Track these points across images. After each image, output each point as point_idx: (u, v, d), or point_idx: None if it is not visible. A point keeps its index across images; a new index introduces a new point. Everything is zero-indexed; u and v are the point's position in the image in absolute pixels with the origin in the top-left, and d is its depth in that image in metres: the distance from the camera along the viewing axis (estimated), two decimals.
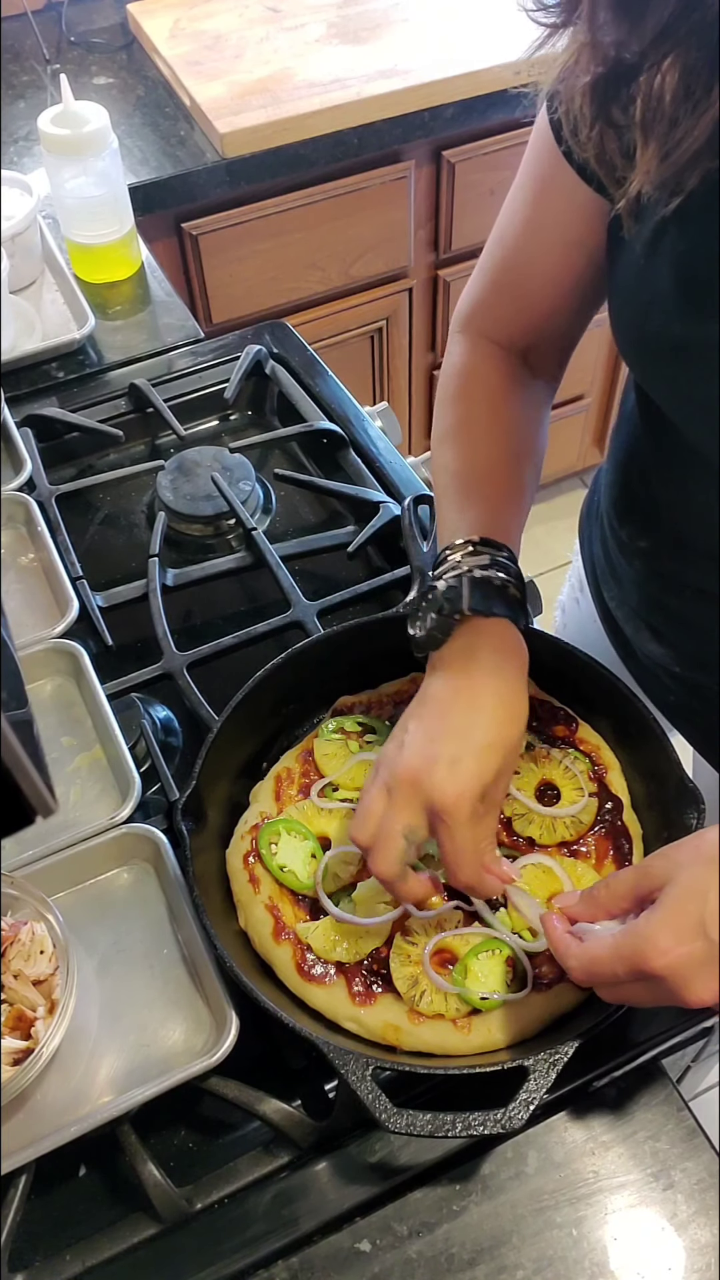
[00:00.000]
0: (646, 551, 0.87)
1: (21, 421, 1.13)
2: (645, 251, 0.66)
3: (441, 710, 0.69)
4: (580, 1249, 0.66)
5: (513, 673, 0.70)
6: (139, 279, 1.36)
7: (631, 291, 0.69)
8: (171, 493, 1.05)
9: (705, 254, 0.63)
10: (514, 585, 0.72)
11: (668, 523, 0.83)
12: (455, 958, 0.71)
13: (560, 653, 0.82)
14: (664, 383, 0.71)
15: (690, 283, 0.64)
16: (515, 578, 0.73)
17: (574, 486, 2.50)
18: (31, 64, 1.75)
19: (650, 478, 0.83)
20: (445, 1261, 0.66)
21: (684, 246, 0.64)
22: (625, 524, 0.89)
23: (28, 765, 0.42)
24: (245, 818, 0.79)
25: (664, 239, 0.65)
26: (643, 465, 0.84)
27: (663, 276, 0.65)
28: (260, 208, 1.63)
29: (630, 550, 0.89)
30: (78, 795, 0.84)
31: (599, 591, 0.99)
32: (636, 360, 0.72)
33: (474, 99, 1.63)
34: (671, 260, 0.64)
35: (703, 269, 0.63)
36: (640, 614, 0.91)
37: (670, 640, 0.89)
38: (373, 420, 1.15)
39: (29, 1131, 0.67)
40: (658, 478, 0.82)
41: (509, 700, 0.69)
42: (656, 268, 0.65)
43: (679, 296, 0.64)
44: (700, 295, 0.64)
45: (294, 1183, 0.69)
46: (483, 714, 0.68)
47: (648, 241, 0.66)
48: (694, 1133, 0.70)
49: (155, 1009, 0.74)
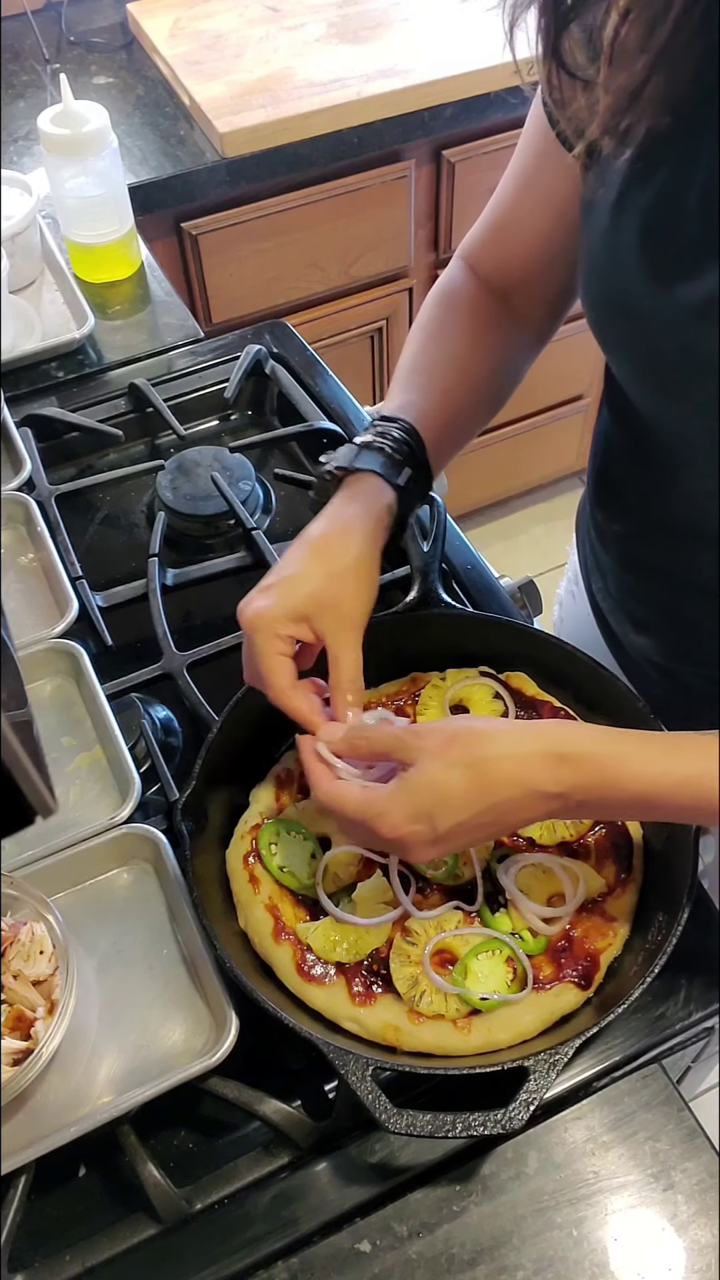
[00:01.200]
0: (621, 536, 0.88)
1: (21, 421, 1.13)
2: (611, 214, 0.67)
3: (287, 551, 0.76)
4: (580, 1249, 0.66)
5: (353, 514, 0.76)
6: (139, 279, 1.36)
7: (597, 254, 0.70)
8: (171, 493, 1.05)
9: (666, 217, 0.63)
10: (391, 445, 0.78)
11: (636, 505, 0.84)
12: (455, 958, 0.71)
13: (561, 653, 0.82)
14: (621, 349, 0.73)
15: (651, 246, 0.65)
16: (399, 445, 0.78)
17: (574, 486, 2.50)
18: (31, 64, 1.75)
19: (619, 458, 0.84)
20: (445, 1262, 0.66)
21: (646, 209, 0.65)
22: (601, 508, 0.91)
23: (28, 765, 0.42)
24: (245, 818, 0.79)
25: (628, 202, 0.66)
26: (613, 445, 0.85)
27: (626, 240, 0.66)
28: (260, 207, 1.63)
29: (608, 536, 0.90)
30: (78, 795, 0.84)
31: (590, 584, 1.00)
32: (598, 325, 0.74)
33: (474, 99, 1.63)
34: (635, 223, 0.65)
35: (663, 232, 0.64)
36: (622, 604, 0.92)
37: (651, 630, 0.90)
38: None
39: (29, 1131, 0.67)
40: (625, 458, 0.83)
41: (335, 538, 0.75)
42: (621, 231, 0.66)
43: (640, 259, 0.65)
44: (659, 258, 0.64)
45: (294, 1183, 0.69)
46: (303, 548, 0.75)
47: (614, 204, 0.67)
48: (694, 1133, 0.70)
49: (155, 1009, 0.74)
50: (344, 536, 0.75)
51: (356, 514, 0.76)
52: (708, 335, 0.62)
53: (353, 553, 0.75)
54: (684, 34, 0.54)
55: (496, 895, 0.74)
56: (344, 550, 0.74)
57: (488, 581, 0.99)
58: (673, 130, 0.59)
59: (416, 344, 0.86)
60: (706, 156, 0.60)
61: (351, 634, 0.74)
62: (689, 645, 0.87)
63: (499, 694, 0.83)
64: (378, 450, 0.78)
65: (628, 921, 0.73)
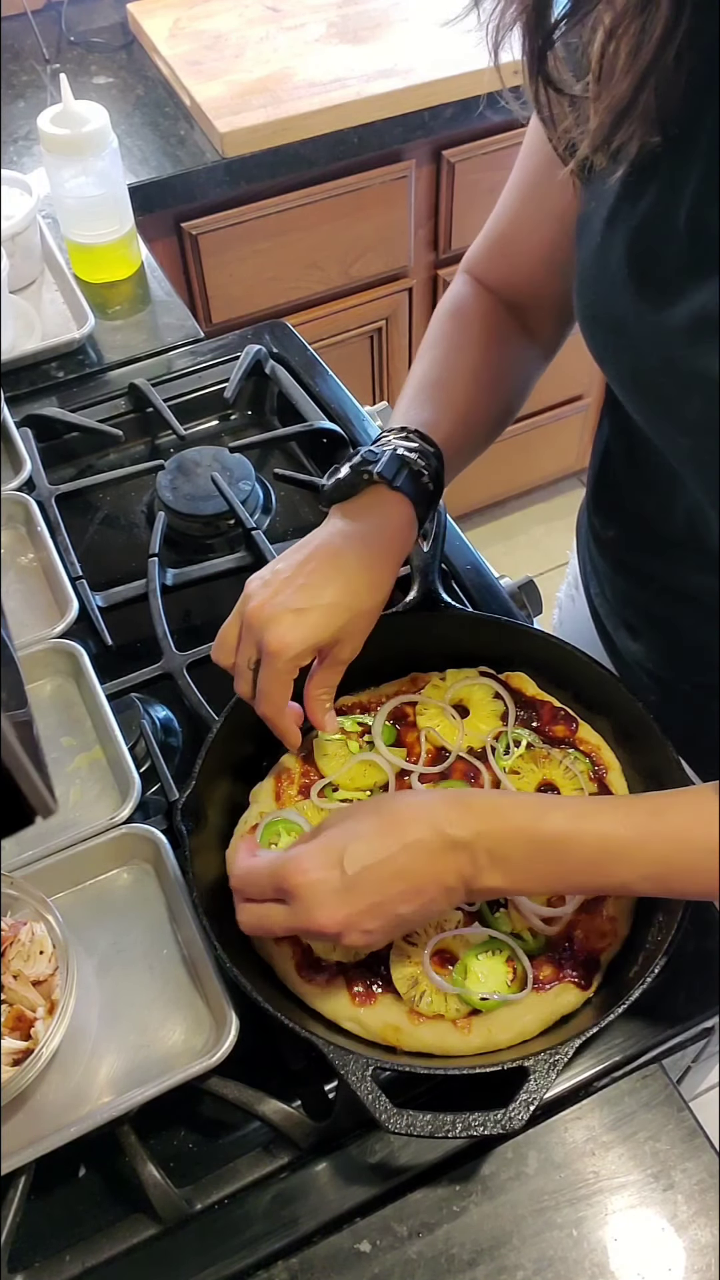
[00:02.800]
0: (616, 542, 0.88)
1: (21, 421, 1.13)
2: (603, 231, 0.67)
3: (309, 560, 0.74)
4: (580, 1249, 0.66)
5: (386, 546, 0.75)
6: (139, 279, 1.36)
7: (589, 267, 0.70)
8: (171, 493, 1.05)
9: (655, 234, 0.63)
10: (428, 476, 0.77)
11: (632, 513, 0.84)
12: (455, 958, 0.71)
13: (561, 653, 0.82)
14: (612, 364, 0.73)
15: (639, 263, 0.65)
16: (433, 474, 0.77)
17: (573, 486, 2.50)
18: (31, 64, 1.75)
19: (616, 466, 0.84)
20: (445, 1262, 0.66)
21: (635, 226, 0.65)
22: (598, 513, 0.91)
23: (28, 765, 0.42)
24: (245, 818, 0.79)
25: (618, 219, 0.66)
26: (611, 453, 0.85)
27: (616, 256, 0.66)
28: (260, 207, 1.63)
29: (603, 541, 0.90)
30: (78, 795, 0.84)
31: (588, 589, 1.00)
32: (590, 339, 0.74)
33: (474, 99, 1.63)
34: (625, 240, 0.65)
35: (651, 250, 0.64)
36: (617, 610, 0.92)
37: (644, 638, 0.90)
38: (373, 420, 1.15)
39: (29, 1131, 0.67)
40: (622, 466, 0.83)
41: (372, 569, 0.74)
42: (612, 248, 0.66)
43: (628, 276, 0.65)
44: (647, 275, 0.65)
45: (294, 1183, 0.69)
46: (342, 575, 0.73)
47: (605, 219, 0.67)
48: (694, 1133, 0.70)
49: (155, 1009, 0.74)
50: (381, 568, 0.74)
51: (391, 543, 0.75)
52: (694, 353, 0.62)
53: (384, 591, 0.75)
54: (669, 52, 0.54)
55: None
56: (380, 586, 0.74)
57: (488, 582, 0.99)
58: (664, 148, 0.59)
59: (429, 358, 0.85)
60: (696, 175, 0.60)
61: (353, 655, 0.75)
62: (681, 653, 0.87)
63: (499, 694, 0.83)
64: (417, 474, 0.76)
65: (628, 921, 0.73)
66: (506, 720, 0.82)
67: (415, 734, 0.82)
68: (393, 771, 0.80)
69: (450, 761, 0.80)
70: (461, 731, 0.82)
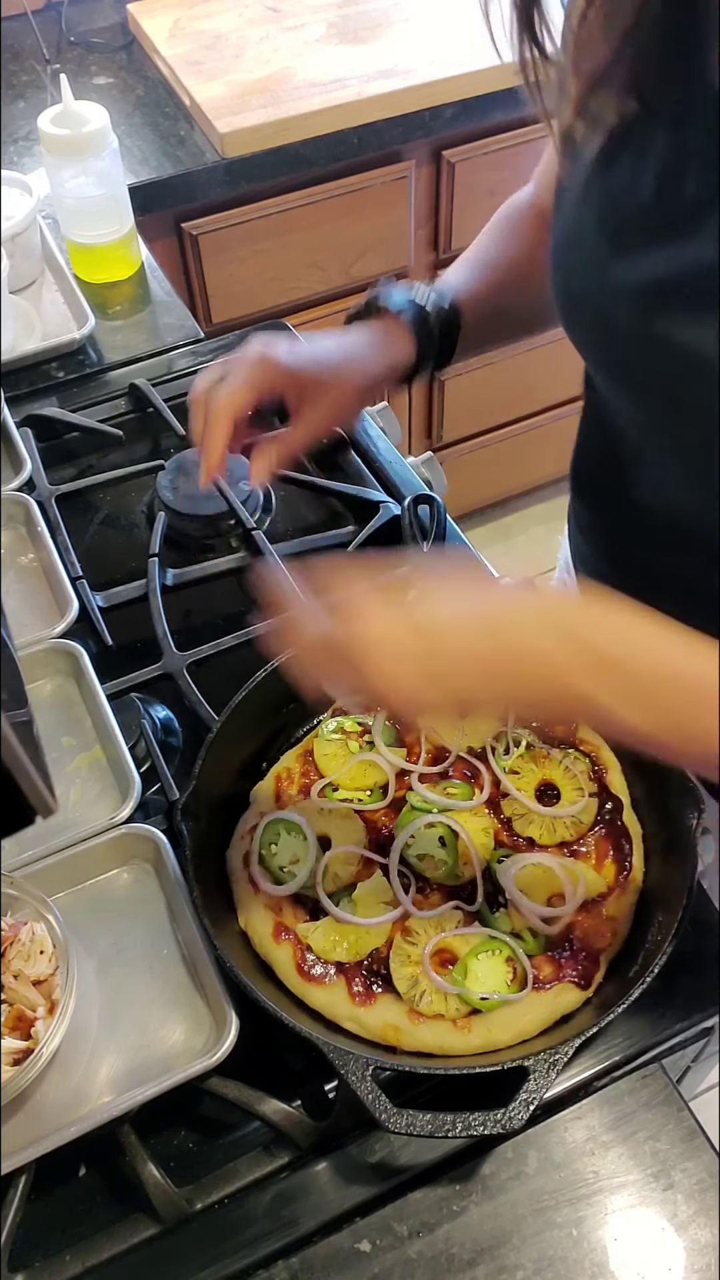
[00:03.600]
0: (595, 526, 0.89)
1: (21, 421, 1.13)
2: (577, 200, 0.68)
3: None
4: (580, 1249, 0.66)
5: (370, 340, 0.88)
6: (139, 279, 1.36)
7: (563, 235, 0.70)
8: (171, 493, 1.05)
9: (624, 200, 0.64)
10: (434, 321, 0.87)
11: (608, 496, 0.85)
12: (455, 958, 0.71)
13: None
14: (579, 332, 0.73)
15: (607, 228, 0.66)
16: (441, 320, 0.88)
17: None
18: (31, 64, 1.75)
19: (592, 449, 0.85)
20: (445, 1262, 0.66)
21: (607, 192, 0.65)
22: (577, 497, 0.92)
23: (28, 765, 0.42)
24: (245, 818, 0.79)
25: (592, 187, 0.66)
26: (586, 436, 0.86)
27: (587, 223, 0.67)
28: (260, 208, 1.63)
29: (584, 526, 0.91)
30: (78, 795, 0.84)
31: (577, 574, 1.00)
32: (561, 309, 0.74)
33: (474, 99, 1.63)
34: (596, 207, 0.66)
35: (619, 215, 0.65)
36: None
37: None
38: (373, 420, 1.15)
39: (29, 1131, 0.67)
40: (597, 448, 0.84)
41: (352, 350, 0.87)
42: (584, 214, 0.67)
43: (597, 242, 0.66)
44: (613, 240, 0.65)
45: (294, 1183, 0.69)
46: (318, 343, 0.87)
47: (580, 190, 0.67)
48: (694, 1133, 0.70)
49: (155, 1009, 0.74)
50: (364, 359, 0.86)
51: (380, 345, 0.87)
52: (660, 321, 0.62)
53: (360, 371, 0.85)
54: (647, 18, 0.55)
55: (496, 895, 0.74)
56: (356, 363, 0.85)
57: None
58: (638, 115, 0.60)
59: (476, 241, 0.95)
60: (663, 142, 0.61)
61: (327, 419, 0.84)
62: None
63: None
64: (420, 309, 0.87)
65: (628, 921, 0.73)
66: (506, 720, 0.82)
67: (415, 734, 0.82)
68: (393, 771, 0.80)
69: (450, 761, 0.80)
70: (461, 731, 0.82)
